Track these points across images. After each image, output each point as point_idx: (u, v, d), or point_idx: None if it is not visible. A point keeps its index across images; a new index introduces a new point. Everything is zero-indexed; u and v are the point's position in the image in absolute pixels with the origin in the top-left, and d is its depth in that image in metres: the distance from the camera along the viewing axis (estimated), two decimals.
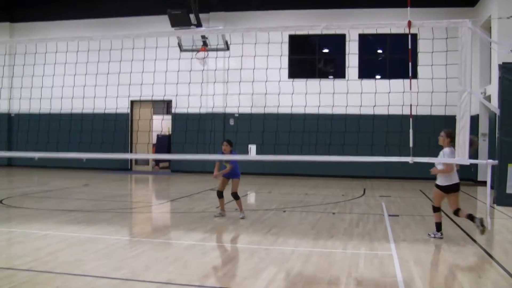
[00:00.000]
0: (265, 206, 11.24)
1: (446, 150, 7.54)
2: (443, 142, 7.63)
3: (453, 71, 7.20)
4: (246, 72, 10.64)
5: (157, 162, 23.27)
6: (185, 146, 17.56)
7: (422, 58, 11.54)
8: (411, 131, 6.89)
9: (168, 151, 21.97)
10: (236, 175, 9.52)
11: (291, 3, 20.02)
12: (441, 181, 7.72)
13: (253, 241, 7.51)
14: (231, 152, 9.38)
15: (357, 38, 17.32)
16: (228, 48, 17.66)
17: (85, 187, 15.31)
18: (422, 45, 11.10)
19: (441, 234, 7.83)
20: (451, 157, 7.11)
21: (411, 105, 6.87)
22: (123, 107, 17.86)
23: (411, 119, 6.84)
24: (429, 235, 7.94)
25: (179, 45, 17.93)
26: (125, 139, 20.53)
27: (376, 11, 19.16)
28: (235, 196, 9.41)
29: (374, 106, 9.59)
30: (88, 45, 9.34)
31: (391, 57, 19.99)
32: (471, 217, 7.53)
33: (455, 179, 7.60)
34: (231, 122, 20.24)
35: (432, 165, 7.63)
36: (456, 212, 7.68)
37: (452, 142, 7.21)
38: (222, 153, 9.39)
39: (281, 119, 14.05)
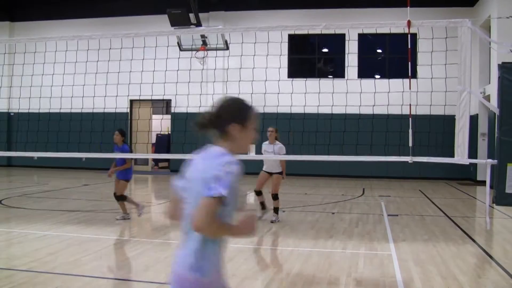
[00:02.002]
0: None
1: None
2: None
3: (452, 70, 7.19)
4: (245, 72, 10.62)
5: (157, 162, 23.25)
6: (184, 145, 17.54)
7: (421, 58, 11.54)
8: (410, 130, 6.89)
9: (168, 150, 21.96)
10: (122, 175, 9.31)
11: (290, 2, 20.01)
12: None
13: (252, 241, 7.51)
14: (122, 145, 9.37)
15: (356, 37, 17.31)
16: (227, 48, 17.65)
17: (84, 187, 15.31)
18: (421, 45, 11.10)
19: None
20: None
21: (410, 105, 6.87)
22: (123, 107, 17.84)
23: (410, 119, 6.84)
24: None
25: (179, 45, 17.91)
26: (124, 139, 20.51)
27: (375, 10, 19.15)
28: (119, 197, 9.17)
29: (374, 105, 9.57)
30: (88, 44, 9.31)
31: (390, 57, 19.98)
32: None
33: None
34: None
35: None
36: None
37: None
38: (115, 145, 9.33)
39: (280, 118, 14.03)
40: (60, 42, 9.52)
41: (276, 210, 9.32)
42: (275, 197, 9.27)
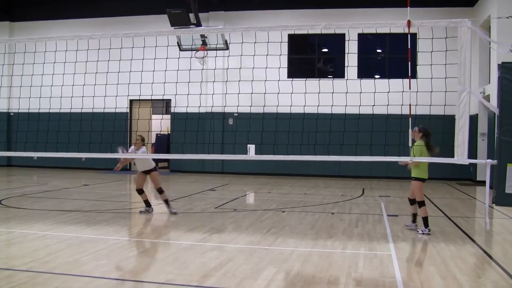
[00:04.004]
0: (264, 206, 11.24)
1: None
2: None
3: (452, 70, 7.19)
4: (245, 72, 10.62)
5: (156, 162, 23.21)
6: (184, 145, 17.55)
7: (421, 58, 11.53)
8: (410, 130, 6.89)
9: (167, 150, 21.96)
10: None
11: (290, 2, 20.01)
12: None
13: (252, 241, 7.51)
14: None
15: (356, 37, 17.31)
16: (227, 48, 17.66)
17: (84, 187, 15.31)
18: (421, 45, 11.10)
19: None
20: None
21: (410, 105, 6.87)
22: (122, 107, 17.84)
23: (410, 119, 6.84)
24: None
25: (179, 45, 17.92)
26: (124, 138, 20.52)
27: (375, 10, 19.16)
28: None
29: (373, 105, 9.56)
30: (88, 44, 9.30)
31: (390, 57, 19.98)
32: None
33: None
34: (230, 121, 20.23)
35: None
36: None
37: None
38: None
39: (280, 118, 14.03)
40: (60, 42, 9.50)
41: (166, 201, 10.05)
42: (160, 190, 10.02)
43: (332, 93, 10.72)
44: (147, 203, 10.15)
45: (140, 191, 10.11)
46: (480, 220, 10.05)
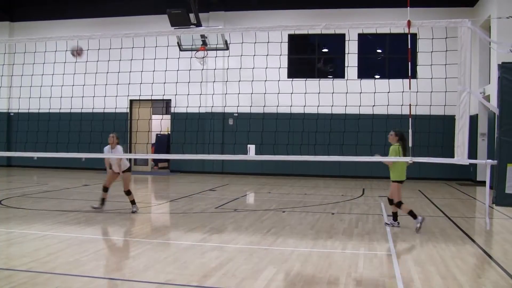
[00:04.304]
0: (264, 207, 11.24)
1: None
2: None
3: (452, 71, 7.19)
4: (245, 72, 10.62)
5: (156, 162, 23.25)
6: (184, 146, 17.57)
7: (421, 58, 11.53)
8: (410, 131, 6.89)
9: (167, 151, 21.96)
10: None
11: (290, 2, 20.02)
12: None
13: (252, 241, 7.51)
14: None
15: (356, 37, 17.31)
16: (227, 48, 17.66)
17: (84, 187, 15.31)
18: (421, 45, 11.11)
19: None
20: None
21: (410, 105, 6.87)
22: (122, 107, 17.84)
23: (410, 119, 6.84)
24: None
25: (179, 45, 17.93)
26: (124, 139, 20.52)
27: (375, 10, 19.16)
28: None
29: (373, 106, 9.57)
30: (88, 44, 9.30)
31: (390, 57, 19.98)
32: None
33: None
34: (230, 121, 20.24)
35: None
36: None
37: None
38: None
39: (280, 118, 14.03)
40: (60, 42, 9.50)
41: (133, 202, 10.08)
42: (128, 192, 10.06)
43: (332, 93, 10.72)
44: (103, 202, 10.16)
45: (106, 189, 10.10)
46: (480, 220, 10.05)
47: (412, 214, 8.43)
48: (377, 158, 7.84)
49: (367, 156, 8.24)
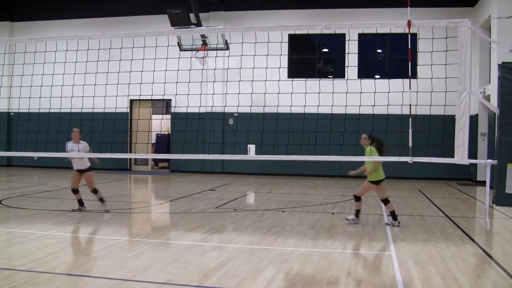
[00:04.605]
0: (264, 206, 11.24)
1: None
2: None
3: (452, 70, 7.19)
4: (245, 72, 10.61)
5: (156, 162, 23.25)
6: (184, 145, 17.57)
7: (421, 58, 11.52)
8: (410, 130, 6.89)
9: (168, 150, 21.96)
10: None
11: (291, 2, 20.01)
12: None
13: (252, 241, 7.51)
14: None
15: (356, 37, 17.31)
16: (227, 48, 17.66)
17: (84, 187, 15.29)
18: (421, 45, 11.12)
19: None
20: None
21: (410, 105, 6.87)
22: (123, 107, 17.86)
23: (410, 119, 6.84)
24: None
25: (179, 45, 17.92)
26: (124, 138, 20.52)
27: (376, 10, 19.16)
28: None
29: (374, 105, 9.56)
30: (88, 44, 9.30)
31: (390, 57, 19.98)
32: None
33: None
34: (231, 121, 20.23)
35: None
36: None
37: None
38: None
39: (280, 118, 14.03)
40: (60, 42, 9.51)
41: (101, 199, 10.07)
42: (94, 191, 10.06)
43: (332, 93, 10.72)
44: (81, 202, 10.10)
45: (76, 191, 10.04)
46: (480, 220, 10.05)
47: (357, 213, 9.06)
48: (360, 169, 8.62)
49: (368, 156, 8.24)
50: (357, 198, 9.10)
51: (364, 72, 18.91)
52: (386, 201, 8.96)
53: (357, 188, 9.54)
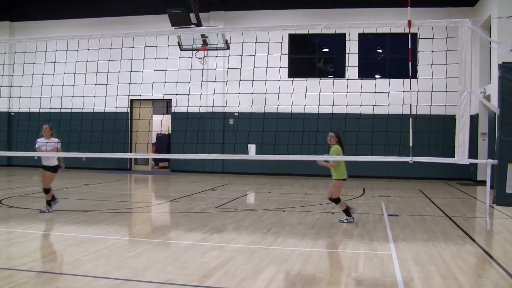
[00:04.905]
0: (264, 206, 11.24)
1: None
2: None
3: (453, 70, 7.19)
4: (246, 71, 10.61)
5: (157, 161, 23.25)
6: (184, 145, 17.57)
7: (421, 58, 11.53)
8: (411, 130, 6.88)
9: (168, 150, 21.96)
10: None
11: (291, 2, 20.01)
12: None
13: (252, 241, 7.51)
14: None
15: (357, 37, 17.30)
16: (228, 47, 17.65)
17: (84, 187, 15.31)
18: (422, 45, 11.11)
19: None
20: None
21: (410, 105, 6.87)
22: (123, 106, 17.86)
23: (410, 119, 6.83)
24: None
25: (179, 44, 17.92)
26: (124, 138, 20.53)
27: (376, 10, 19.15)
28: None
29: (374, 105, 9.56)
30: (88, 44, 9.30)
31: (391, 57, 19.98)
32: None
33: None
34: (231, 121, 20.23)
35: None
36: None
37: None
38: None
39: (280, 118, 14.02)
40: (61, 42, 9.50)
41: (48, 203, 9.82)
42: (46, 191, 9.86)
43: (333, 93, 10.72)
44: (49, 203, 9.89)
45: (47, 190, 9.90)
46: (481, 220, 10.04)
47: (346, 212, 9.16)
48: (325, 157, 8.52)
49: (368, 156, 8.23)
50: (337, 200, 9.25)
51: (365, 72, 18.91)
52: (337, 200, 9.24)
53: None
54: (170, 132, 22.03)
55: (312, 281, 5.47)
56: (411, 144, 6.94)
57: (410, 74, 7.02)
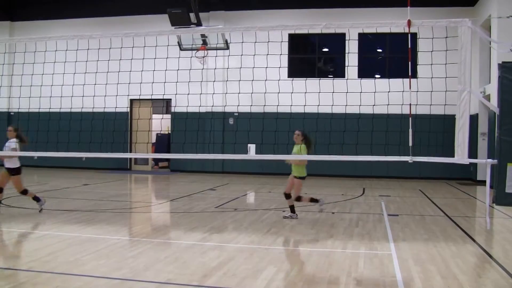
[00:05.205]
0: (264, 206, 11.24)
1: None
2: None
3: (452, 70, 7.19)
4: (245, 71, 10.62)
5: (157, 161, 23.25)
6: (184, 145, 17.57)
7: (421, 57, 11.52)
8: (410, 130, 6.88)
9: (168, 150, 21.96)
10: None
11: (291, 2, 20.01)
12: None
13: (252, 241, 7.51)
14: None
15: (357, 37, 17.31)
16: (227, 47, 17.66)
17: (84, 187, 15.31)
18: (421, 44, 11.12)
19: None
20: None
21: (410, 105, 6.87)
22: (123, 106, 17.87)
23: (410, 118, 6.84)
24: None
25: (179, 44, 17.92)
26: (124, 138, 20.53)
27: (376, 10, 19.15)
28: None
29: (374, 105, 9.56)
30: (88, 44, 9.30)
31: (390, 56, 19.98)
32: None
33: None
34: (231, 121, 20.23)
35: None
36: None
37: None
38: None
39: (280, 118, 14.03)
40: (60, 42, 9.50)
41: (35, 198, 9.75)
42: (24, 192, 9.78)
43: (333, 92, 10.73)
44: (37, 198, 9.81)
45: (24, 192, 9.82)
46: (481, 219, 10.04)
47: (313, 200, 9.50)
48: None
49: (368, 156, 8.24)
50: (298, 198, 9.37)
51: (364, 71, 18.91)
52: (288, 196, 9.41)
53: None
54: (169, 132, 22.03)
55: (312, 281, 5.47)
56: (410, 144, 6.95)
57: (410, 74, 7.02)
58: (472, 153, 10.13)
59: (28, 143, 9.94)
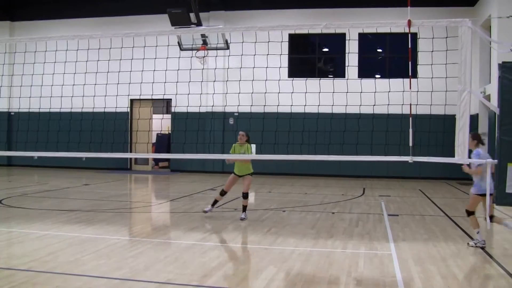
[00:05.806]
0: (264, 206, 11.24)
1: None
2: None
3: (453, 70, 7.20)
4: (245, 71, 10.63)
5: (157, 161, 23.25)
6: (184, 145, 17.57)
7: (422, 57, 11.54)
8: (410, 130, 6.89)
9: (168, 150, 21.96)
10: None
11: (291, 2, 20.00)
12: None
13: (252, 241, 7.51)
14: None
15: (357, 37, 17.31)
16: (228, 47, 17.65)
17: (84, 186, 15.31)
18: (422, 44, 11.13)
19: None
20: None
21: (410, 105, 6.87)
22: (123, 106, 17.87)
23: (410, 118, 6.84)
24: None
25: (179, 44, 17.92)
26: (124, 138, 20.54)
27: (376, 10, 19.15)
28: None
29: (374, 105, 9.56)
30: (88, 44, 9.31)
31: (391, 56, 19.98)
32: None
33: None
34: (231, 121, 20.23)
35: None
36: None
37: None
38: None
39: (280, 118, 14.03)
40: (61, 42, 9.51)
41: None
42: None
43: (333, 92, 10.73)
44: None
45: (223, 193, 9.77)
46: (481, 219, 10.04)
47: (245, 208, 9.41)
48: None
49: (368, 156, 8.24)
50: (245, 195, 9.51)
51: (365, 71, 18.91)
52: (225, 193, 9.67)
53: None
54: (170, 132, 22.03)
55: (312, 281, 5.48)
56: (411, 144, 6.95)
57: (410, 74, 7.02)
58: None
59: None
